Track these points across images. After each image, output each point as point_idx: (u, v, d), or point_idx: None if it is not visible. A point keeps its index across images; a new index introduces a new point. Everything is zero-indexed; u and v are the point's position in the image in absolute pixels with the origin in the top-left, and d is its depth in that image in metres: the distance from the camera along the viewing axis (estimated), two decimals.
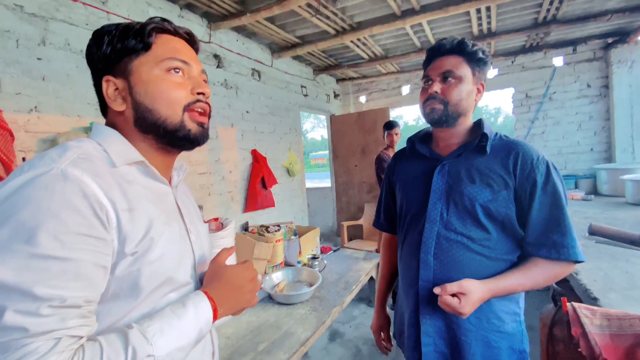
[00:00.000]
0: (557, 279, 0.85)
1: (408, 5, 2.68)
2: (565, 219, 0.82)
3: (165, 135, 0.56)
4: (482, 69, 0.91)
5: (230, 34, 3.01)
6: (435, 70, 0.90)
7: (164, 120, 0.55)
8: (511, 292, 0.83)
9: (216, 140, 2.85)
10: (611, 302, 1.20)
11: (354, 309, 3.10)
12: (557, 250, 0.81)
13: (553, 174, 0.84)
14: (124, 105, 0.55)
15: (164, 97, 0.55)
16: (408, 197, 0.99)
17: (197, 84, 0.58)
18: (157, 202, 0.55)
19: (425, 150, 0.98)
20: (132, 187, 0.52)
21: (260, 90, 3.42)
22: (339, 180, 5.01)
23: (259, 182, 3.19)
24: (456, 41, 0.88)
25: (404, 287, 1.00)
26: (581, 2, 2.76)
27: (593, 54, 3.84)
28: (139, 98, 0.55)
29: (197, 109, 0.58)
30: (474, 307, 0.78)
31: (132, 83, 0.55)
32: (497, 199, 0.84)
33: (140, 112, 0.55)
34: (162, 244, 0.52)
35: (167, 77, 0.55)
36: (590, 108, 3.91)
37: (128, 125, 0.56)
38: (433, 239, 0.88)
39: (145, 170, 0.57)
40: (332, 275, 2.40)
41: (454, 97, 0.87)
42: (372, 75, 4.90)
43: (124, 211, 0.48)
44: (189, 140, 0.58)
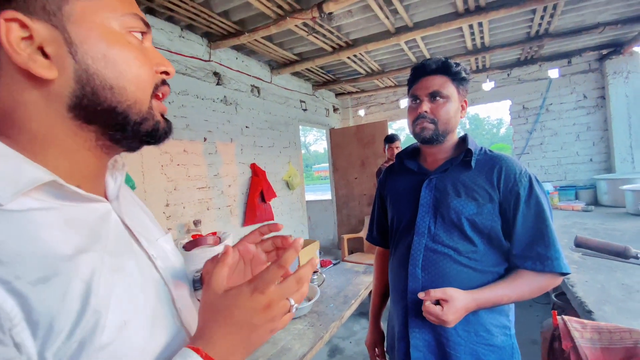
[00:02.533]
0: (543, 290, 0.86)
1: (401, 22, 2.76)
2: (548, 231, 0.84)
3: (122, 128, 0.38)
4: (465, 87, 0.95)
5: (229, 52, 3.10)
6: (422, 90, 0.93)
7: (130, 104, 0.38)
8: (497, 303, 0.84)
9: (215, 155, 2.89)
10: (605, 315, 1.19)
11: (354, 324, 3.06)
12: (542, 262, 0.83)
13: (536, 187, 0.86)
14: (53, 70, 0.33)
15: (131, 70, 0.37)
16: (398, 210, 1.01)
17: (159, 59, 0.42)
18: (90, 241, 0.36)
19: (414, 166, 1.01)
20: (37, 235, 0.32)
21: (259, 105, 3.49)
22: (339, 192, 5.03)
23: (257, 196, 3.21)
24: (441, 62, 0.92)
25: (393, 299, 1.01)
26: (573, 15, 2.81)
27: (588, 65, 3.88)
28: (92, 65, 0.35)
29: (161, 93, 0.42)
30: (457, 316, 0.78)
31: (73, 36, 0.34)
32: (482, 212, 0.87)
33: (92, 88, 0.35)
34: (118, 308, 0.34)
35: (131, 40, 0.38)
36: (587, 119, 3.93)
37: (51, 106, 0.35)
38: (421, 251, 0.90)
39: (59, 193, 0.36)
40: (331, 289, 2.39)
41: (443, 116, 0.91)
42: (371, 90, 4.98)
43: (34, 286, 0.29)
44: (155, 137, 0.41)
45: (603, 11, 2.77)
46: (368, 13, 2.55)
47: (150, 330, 0.38)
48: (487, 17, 2.53)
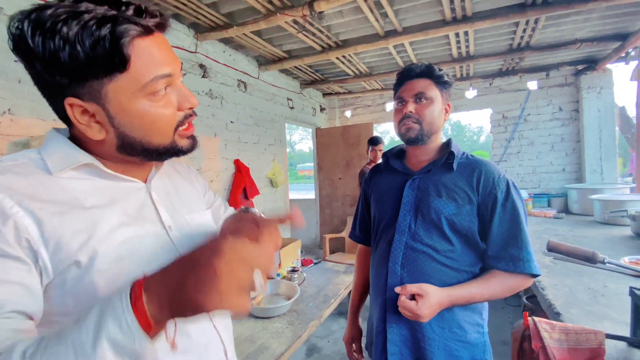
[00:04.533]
0: (515, 290, 0.91)
1: (391, 26, 2.79)
2: (522, 234, 0.88)
3: (155, 156, 0.53)
4: (448, 91, 0.99)
5: (217, 45, 3.04)
6: (408, 92, 0.97)
7: (156, 146, 0.51)
8: (470, 301, 0.87)
9: (198, 150, 2.78)
10: (572, 317, 1.25)
11: (332, 323, 3.07)
12: (514, 263, 0.87)
13: (512, 192, 0.90)
14: (102, 132, 0.48)
15: (154, 127, 0.49)
16: (381, 208, 1.04)
17: (184, 98, 0.51)
18: (111, 202, 0.50)
19: (398, 165, 1.05)
20: (71, 191, 0.47)
21: (245, 101, 3.44)
22: (322, 192, 5.03)
23: (240, 193, 3.17)
24: (424, 66, 0.97)
25: (373, 295, 1.03)
26: (553, 30, 2.94)
27: (564, 79, 4.06)
28: (125, 130, 0.48)
29: (186, 124, 0.53)
30: (431, 311, 0.81)
31: (111, 112, 0.47)
32: (461, 213, 0.90)
33: (128, 142, 0.49)
34: (117, 248, 0.46)
35: (154, 102, 0.48)
36: (562, 130, 4.11)
37: (108, 149, 0.50)
38: (401, 249, 0.93)
39: (99, 172, 0.51)
40: (311, 288, 2.39)
41: (427, 116, 0.94)
42: (358, 91, 5.02)
43: (52, 215, 0.43)
44: (179, 154, 0.54)
45: (581, 28, 2.91)
46: (359, 15, 2.57)
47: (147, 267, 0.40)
48: (473, 26, 2.60)
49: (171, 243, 0.54)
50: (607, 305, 1.32)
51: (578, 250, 1.37)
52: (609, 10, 2.53)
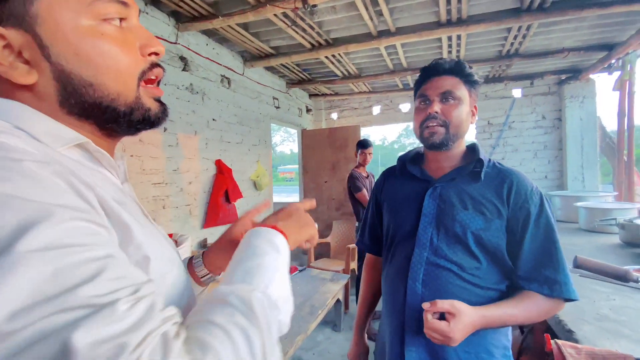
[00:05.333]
0: (549, 315, 0.82)
1: (384, 26, 2.70)
2: (558, 253, 0.79)
3: (114, 120, 0.39)
4: (476, 90, 0.89)
5: (199, 37, 2.84)
6: (433, 90, 0.86)
7: (114, 98, 0.38)
8: (504, 323, 0.78)
9: (176, 148, 2.61)
10: (586, 335, 1.16)
11: (318, 334, 2.92)
12: (550, 286, 0.77)
13: (546, 207, 0.82)
14: (32, 74, 0.35)
15: (108, 63, 0.37)
16: (396, 218, 0.94)
17: (146, 40, 0.41)
18: (120, 197, 0.39)
19: (417, 171, 0.94)
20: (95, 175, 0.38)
21: (229, 98, 3.25)
22: (307, 196, 4.89)
23: (222, 195, 2.97)
24: (454, 62, 0.86)
25: (387, 313, 0.93)
26: (542, 38, 2.95)
27: (548, 88, 4.14)
28: (67, 65, 0.35)
29: (152, 77, 0.42)
30: (464, 334, 0.71)
31: (44, 39, 0.34)
32: (490, 228, 0.81)
33: (74, 86, 0.36)
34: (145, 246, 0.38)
35: (105, 29, 0.37)
36: (544, 138, 4.19)
37: (45, 104, 0.36)
38: (422, 264, 0.84)
39: (89, 157, 0.40)
40: (296, 298, 2.22)
41: (454, 119, 0.84)
42: (345, 93, 4.93)
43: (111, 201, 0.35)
44: (147, 123, 0.42)
45: (570, 37, 2.94)
46: (352, 12, 2.46)
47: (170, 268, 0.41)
48: (467, 30, 2.56)
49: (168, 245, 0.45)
50: (617, 321, 1.25)
51: (608, 268, 1.30)
52: (600, 19, 2.56)
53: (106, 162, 0.41)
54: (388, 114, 5.08)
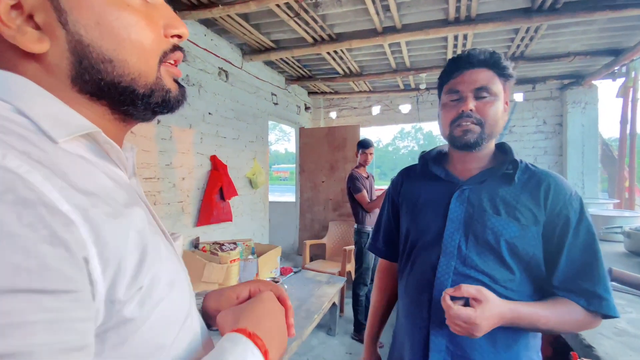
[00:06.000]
0: (584, 328, 0.74)
1: (390, 22, 2.62)
2: (599, 265, 0.71)
3: (131, 102, 0.35)
4: (510, 84, 0.81)
5: (197, 27, 2.72)
6: (467, 85, 0.77)
7: (135, 77, 0.33)
8: (533, 324, 0.69)
9: (169, 142, 2.49)
10: (607, 351, 1.09)
11: (312, 339, 2.82)
12: (588, 300, 0.70)
13: (586, 213, 0.74)
14: (45, 42, 0.29)
15: (133, 39, 0.33)
16: (418, 223, 0.86)
17: (171, 20, 0.37)
18: (133, 200, 0.34)
19: (441, 172, 0.86)
20: (97, 176, 0.31)
21: (226, 91, 3.13)
22: (304, 195, 4.78)
23: (216, 193, 2.85)
24: (489, 53, 0.77)
25: (407, 327, 0.85)
26: (549, 41, 2.90)
27: (550, 93, 4.11)
28: (86, 35, 0.30)
29: (172, 61, 0.38)
30: (490, 324, 0.64)
31: (62, 1, 0.29)
32: (526, 236, 0.73)
33: (90, 61, 0.31)
34: (164, 267, 0.33)
35: (132, 1, 0.33)
36: (545, 143, 4.16)
37: (52, 79, 0.31)
38: (450, 275, 0.76)
39: (96, 149, 0.33)
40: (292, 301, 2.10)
41: (491, 117, 0.76)
42: (344, 92, 4.85)
43: (107, 219, 0.27)
44: (167, 106, 0.38)
45: (577, 40, 2.90)
46: (358, 5, 2.37)
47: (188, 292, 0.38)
48: (475, 29, 2.49)
49: (176, 257, 0.39)
50: (637, 336, 1.18)
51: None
52: (610, 22, 2.52)
53: (115, 156, 0.35)
54: (387, 114, 5.01)
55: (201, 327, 0.41)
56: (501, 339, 0.73)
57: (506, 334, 0.73)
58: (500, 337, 0.73)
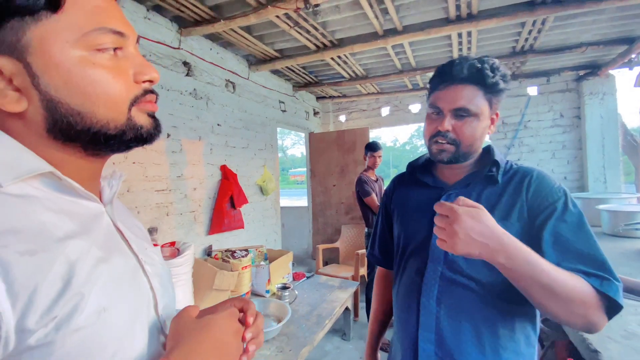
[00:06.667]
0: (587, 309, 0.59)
1: (391, 25, 2.62)
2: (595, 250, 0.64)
3: (103, 142, 0.39)
4: (499, 98, 0.78)
5: (203, 42, 2.82)
6: (447, 102, 0.75)
7: (104, 125, 0.38)
8: (529, 270, 0.58)
9: (180, 154, 2.59)
10: (614, 355, 1.05)
11: (326, 344, 2.84)
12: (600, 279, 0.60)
13: (572, 204, 0.71)
14: (22, 102, 0.35)
15: (99, 92, 0.37)
16: (407, 229, 0.87)
17: (140, 67, 0.40)
18: (82, 230, 0.37)
19: (428, 179, 0.87)
20: (34, 214, 0.34)
21: (234, 102, 3.22)
22: (316, 200, 4.82)
23: (227, 201, 2.93)
24: (474, 67, 0.73)
25: (399, 332, 0.86)
26: (558, 32, 2.81)
27: (566, 85, 3.96)
28: (56, 94, 0.35)
29: (145, 102, 0.41)
30: (472, 230, 0.56)
31: (35, 68, 0.34)
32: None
33: (62, 115, 0.36)
34: (100, 294, 0.35)
35: (97, 59, 0.37)
36: (563, 137, 4.00)
37: (32, 131, 0.37)
38: (436, 280, 0.76)
39: (57, 185, 0.38)
40: (303, 306, 2.17)
41: (467, 137, 0.76)
42: (353, 95, 4.85)
43: (21, 257, 0.30)
44: (139, 140, 0.41)
45: (588, 31, 2.79)
46: (357, 10, 2.38)
47: (129, 325, 0.38)
48: (478, 25, 2.45)
49: (147, 281, 0.44)
50: None
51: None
52: (620, 11, 2.41)
53: (74, 190, 0.39)
54: (397, 115, 4.97)
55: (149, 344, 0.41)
56: (489, 345, 0.72)
57: (494, 339, 0.72)
58: (487, 341, 0.72)
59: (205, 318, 0.42)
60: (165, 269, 0.53)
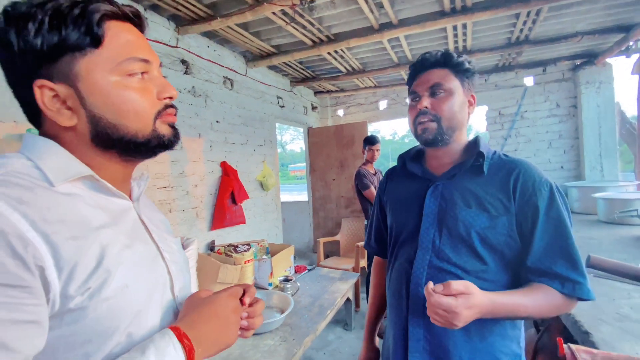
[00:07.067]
0: (562, 311, 0.75)
1: (386, 18, 2.63)
2: (571, 249, 0.72)
3: (134, 149, 0.49)
4: (470, 79, 0.85)
5: (200, 40, 2.84)
6: (422, 85, 0.83)
7: (134, 134, 0.48)
8: (512, 313, 0.70)
9: (180, 152, 2.62)
10: (605, 337, 1.10)
11: (328, 334, 2.90)
12: (561, 283, 0.71)
13: (557, 198, 0.75)
14: (73, 118, 0.45)
15: (130, 108, 0.47)
16: (398, 219, 0.91)
17: (162, 87, 0.51)
18: (112, 222, 0.47)
19: (418, 170, 0.91)
20: (77, 209, 0.43)
21: (232, 99, 3.24)
22: (316, 194, 4.86)
23: (228, 197, 2.97)
24: (440, 53, 0.83)
25: (391, 317, 0.91)
26: (553, 22, 2.82)
27: (562, 74, 3.97)
28: (98, 111, 0.46)
29: (167, 114, 0.52)
30: (470, 315, 0.64)
31: (83, 92, 0.45)
32: (496, 226, 0.76)
33: (102, 127, 0.46)
34: (123, 273, 0.44)
35: (129, 82, 0.47)
36: (559, 127, 4.03)
37: (81, 140, 0.47)
38: (424, 268, 0.80)
39: (95, 185, 0.48)
40: (305, 298, 2.22)
41: (446, 112, 0.80)
42: (350, 89, 4.86)
43: (66, 241, 0.39)
44: (162, 146, 0.51)
45: (583, 20, 2.80)
46: (352, 5, 2.40)
47: (146, 301, 0.46)
48: (472, 17, 2.46)
49: (165, 266, 0.53)
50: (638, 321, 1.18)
51: (625, 268, 1.21)
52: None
53: (108, 190, 0.49)
54: (395, 108, 4.99)
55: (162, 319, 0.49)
56: (475, 329, 0.76)
57: (480, 323, 0.75)
58: (473, 327, 0.75)
59: (210, 296, 0.51)
60: (183, 257, 0.62)
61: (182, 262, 0.60)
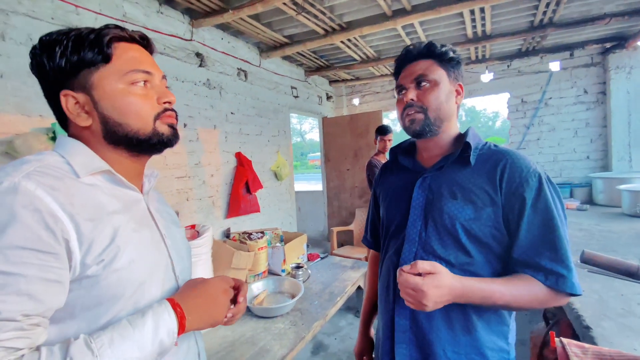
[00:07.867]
0: (547, 305, 0.74)
1: (398, 5, 2.57)
2: (558, 241, 0.70)
3: (138, 145, 0.58)
4: (457, 70, 0.84)
5: (214, 32, 2.89)
6: (407, 78, 0.83)
7: (136, 132, 0.57)
8: (487, 300, 0.69)
9: (196, 143, 2.72)
10: (605, 332, 1.09)
11: (340, 320, 2.98)
12: (546, 276, 0.70)
13: (546, 189, 0.73)
14: (89, 119, 0.56)
15: (132, 110, 0.56)
16: (388, 212, 0.92)
17: (162, 93, 0.60)
18: (124, 209, 0.57)
19: (408, 163, 0.92)
20: (96, 196, 0.53)
21: (246, 90, 3.30)
22: (330, 184, 4.90)
23: (242, 187, 3.06)
24: (424, 44, 0.83)
25: (380, 309, 0.92)
26: (578, 4, 2.66)
27: (590, 59, 3.74)
28: (107, 113, 0.56)
29: (166, 116, 0.61)
30: (439, 295, 0.64)
31: (96, 98, 0.55)
32: (481, 218, 0.75)
33: (110, 126, 0.56)
34: (131, 251, 0.53)
35: (132, 89, 0.57)
36: (586, 115, 3.82)
37: (96, 138, 0.58)
38: (411, 260, 0.80)
39: (112, 179, 0.58)
40: (316, 285, 2.29)
41: (432, 102, 0.80)
42: (366, 77, 4.80)
43: (86, 221, 0.49)
44: (162, 144, 0.60)
45: (610, 1, 2.62)
46: None
47: (149, 275, 0.56)
48: (489, 1, 2.36)
49: (166, 250, 0.63)
50: None
51: (619, 264, 1.19)
52: None
53: (122, 183, 0.59)
54: None
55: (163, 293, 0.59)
56: (458, 321, 0.76)
57: (463, 316, 0.76)
58: (456, 320, 0.76)
59: (205, 279, 0.62)
60: (184, 245, 0.72)
61: (182, 249, 0.70)
